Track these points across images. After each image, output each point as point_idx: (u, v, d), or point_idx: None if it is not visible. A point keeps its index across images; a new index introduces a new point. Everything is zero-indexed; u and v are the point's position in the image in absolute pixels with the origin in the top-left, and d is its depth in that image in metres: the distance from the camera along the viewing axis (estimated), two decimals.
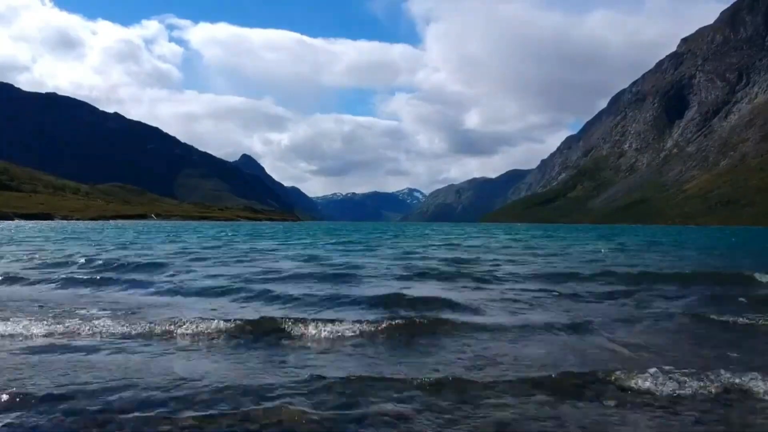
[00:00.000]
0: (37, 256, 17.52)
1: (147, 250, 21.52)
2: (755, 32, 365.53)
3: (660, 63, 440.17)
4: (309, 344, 5.92)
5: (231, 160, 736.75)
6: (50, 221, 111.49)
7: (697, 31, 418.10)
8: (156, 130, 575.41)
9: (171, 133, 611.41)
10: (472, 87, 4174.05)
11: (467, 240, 36.23)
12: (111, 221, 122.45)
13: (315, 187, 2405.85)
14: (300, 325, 6.50)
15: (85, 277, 11.72)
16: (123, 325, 6.50)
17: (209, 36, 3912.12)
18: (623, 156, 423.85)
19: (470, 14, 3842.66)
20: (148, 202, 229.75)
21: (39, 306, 8.06)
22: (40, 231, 47.29)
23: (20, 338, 6.01)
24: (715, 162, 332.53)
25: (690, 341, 6.36)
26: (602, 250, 25.06)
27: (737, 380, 4.39)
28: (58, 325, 6.47)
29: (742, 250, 29.18)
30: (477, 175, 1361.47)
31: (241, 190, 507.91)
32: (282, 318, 6.79)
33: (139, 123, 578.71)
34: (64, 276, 11.77)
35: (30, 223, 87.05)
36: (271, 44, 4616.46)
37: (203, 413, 3.74)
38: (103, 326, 6.46)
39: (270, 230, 64.88)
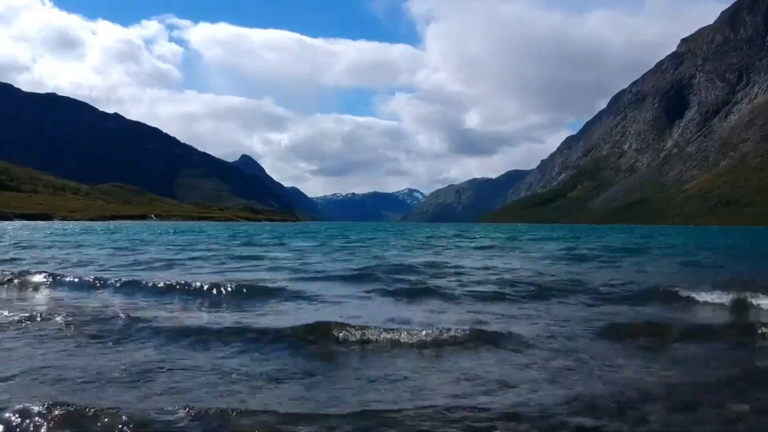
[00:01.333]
0: None
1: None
2: (755, 32, 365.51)
3: (660, 63, 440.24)
4: None
5: (231, 160, 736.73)
6: (49, 221, 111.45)
7: (697, 31, 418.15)
8: (156, 130, 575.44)
9: (171, 133, 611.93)
10: (472, 87, 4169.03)
11: (458, 240, 36.13)
12: (111, 221, 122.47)
13: (315, 187, 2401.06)
14: None
15: None
16: None
17: (209, 36, 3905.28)
18: (623, 156, 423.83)
19: (470, 14, 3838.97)
20: (148, 202, 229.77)
21: None
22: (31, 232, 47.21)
23: None
24: (715, 162, 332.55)
25: None
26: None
27: None
28: None
29: (743, 251, 29.11)
30: (477, 175, 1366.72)
31: (241, 190, 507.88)
32: None
33: (139, 123, 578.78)
34: None
35: (22, 223, 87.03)
36: (271, 44, 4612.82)
37: None
38: None
39: (251, 230, 64.74)
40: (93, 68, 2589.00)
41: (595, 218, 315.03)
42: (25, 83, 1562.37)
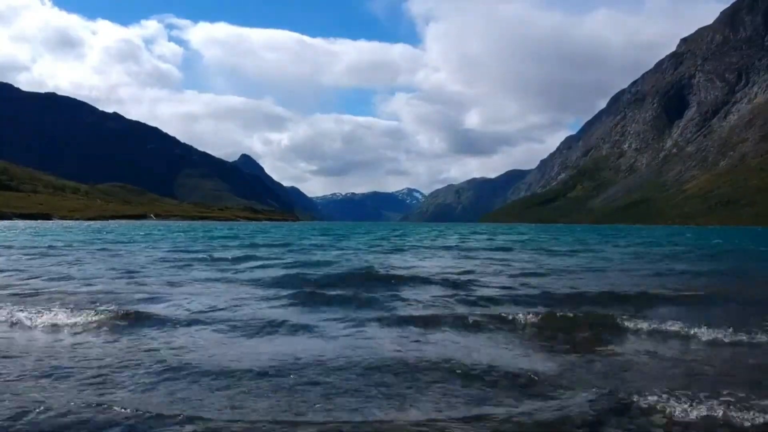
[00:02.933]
0: None
1: None
2: (755, 32, 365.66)
3: (660, 63, 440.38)
4: None
5: (231, 160, 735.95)
6: (48, 221, 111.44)
7: (696, 31, 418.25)
8: (156, 130, 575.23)
9: (171, 133, 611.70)
10: (472, 87, 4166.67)
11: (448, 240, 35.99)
12: (110, 221, 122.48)
13: (315, 187, 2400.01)
14: None
15: None
16: None
17: (209, 36, 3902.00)
18: (623, 156, 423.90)
19: (470, 14, 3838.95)
20: (148, 202, 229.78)
21: None
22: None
23: None
24: (715, 162, 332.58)
25: None
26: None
27: None
28: None
29: (739, 252, 29.09)
30: (477, 175, 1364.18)
31: (241, 190, 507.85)
32: None
33: (138, 123, 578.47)
34: None
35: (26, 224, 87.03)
36: (271, 44, 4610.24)
37: None
38: None
39: (232, 231, 64.47)
40: (93, 68, 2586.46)
41: (595, 218, 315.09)
42: (25, 83, 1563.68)
